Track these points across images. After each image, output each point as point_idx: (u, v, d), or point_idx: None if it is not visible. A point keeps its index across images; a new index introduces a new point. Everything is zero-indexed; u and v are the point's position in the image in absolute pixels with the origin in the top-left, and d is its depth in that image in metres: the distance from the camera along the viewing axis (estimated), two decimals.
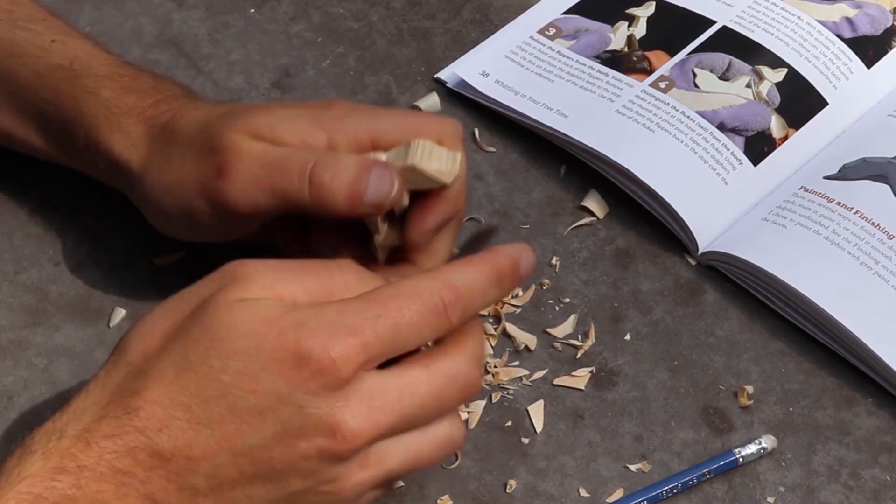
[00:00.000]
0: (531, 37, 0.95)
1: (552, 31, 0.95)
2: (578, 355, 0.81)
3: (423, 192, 0.71)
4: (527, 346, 0.81)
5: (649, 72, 0.92)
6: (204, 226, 0.74)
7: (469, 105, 0.92)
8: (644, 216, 0.86)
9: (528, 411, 0.78)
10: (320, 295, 0.64)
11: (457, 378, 0.65)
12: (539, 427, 0.78)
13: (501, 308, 0.82)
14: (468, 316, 0.65)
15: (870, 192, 0.85)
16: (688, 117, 0.88)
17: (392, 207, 0.70)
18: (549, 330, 0.82)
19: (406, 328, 0.63)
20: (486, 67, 0.93)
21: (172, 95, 0.78)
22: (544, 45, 0.94)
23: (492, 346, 0.81)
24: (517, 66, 0.93)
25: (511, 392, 0.79)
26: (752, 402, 0.79)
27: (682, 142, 0.87)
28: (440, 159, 0.70)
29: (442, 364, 0.65)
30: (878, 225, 0.83)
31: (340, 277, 0.65)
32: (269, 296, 0.63)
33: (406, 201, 0.71)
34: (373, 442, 0.63)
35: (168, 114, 0.76)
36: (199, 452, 0.62)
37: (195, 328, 0.63)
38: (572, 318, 0.82)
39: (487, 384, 0.79)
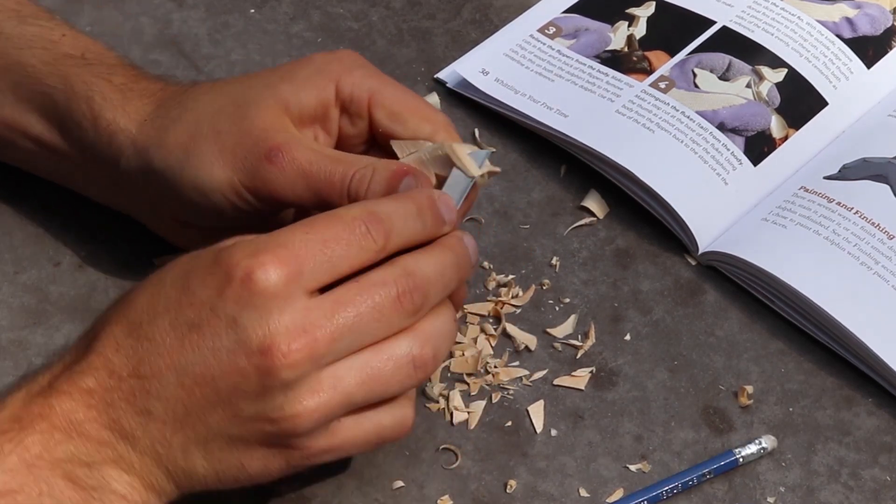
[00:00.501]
0: (531, 35, 0.95)
1: (552, 29, 0.95)
2: (578, 355, 0.81)
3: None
4: (527, 346, 0.81)
5: (649, 72, 0.92)
6: (224, 209, 0.74)
7: (469, 105, 0.92)
8: (644, 216, 0.86)
9: (528, 411, 0.78)
10: None
11: (387, 285, 0.66)
12: (539, 427, 0.78)
13: (501, 308, 0.82)
14: (395, 241, 0.67)
15: (870, 192, 0.85)
16: (688, 117, 0.88)
17: None
18: (549, 330, 0.82)
19: (333, 241, 0.65)
20: (486, 66, 0.93)
21: (178, 83, 0.79)
22: (544, 44, 0.94)
23: (492, 347, 0.81)
24: (517, 64, 0.93)
25: (511, 392, 0.79)
26: (752, 402, 0.79)
27: (682, 142, 0.87)
28: (471, 157, 0.73)
29: (371, 276, 0.66)
30: (878, 225, 0.83)
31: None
32: None
33: None
34: (315, 360, 0.64)
35: (177, 91, 0.77)
36: (148, 371, 0.64)
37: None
38: (572, 318, 0.82)
39: (487, 384, 0.79)
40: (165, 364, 0.64)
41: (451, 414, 0.78)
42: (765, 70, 0.91)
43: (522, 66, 0.93)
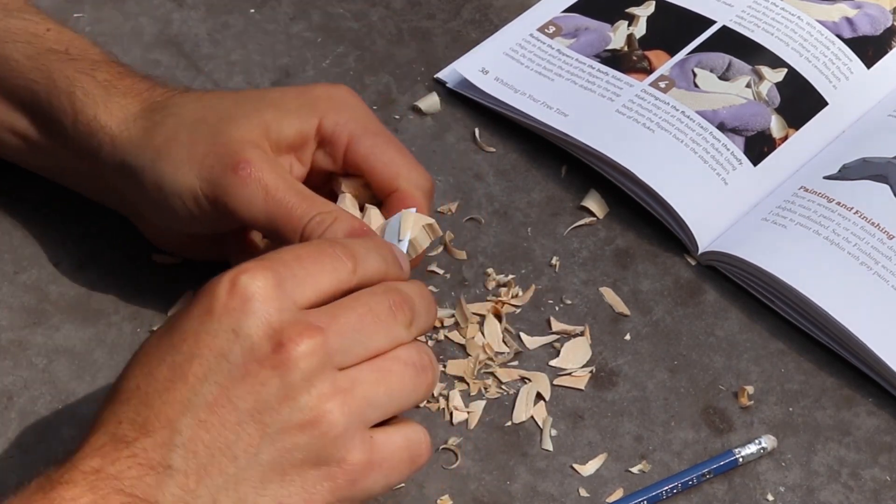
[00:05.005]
0: (531, 34, 0.95)
1: (552, 28, 0.95)
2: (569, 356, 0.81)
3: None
4: (527, 346, 0.81)
5: (649, 71, 0.92)
6: (181, 214, 0.74)
7: (469, 105, 0.92)
8: (644, 216, 0.86)
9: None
10: None
11: (377, 295, 0.66)
12: (539, 427, 0.78)
13: (502, 308, 0.82)
14: (362, 267, 0.67)
15: (870, 192, 0.85)
16: (688, 117, 0.88)
17: None
18: (549, 330, 0.82)
19: (307, 258, 0.65)
20: (486, 64, 0.93)
21: (165, 85, 0.79)
22: (544, 43, 0.94)
23: (492, 347, 0.81)
24: (517, 63, 0.93)
25: (511, 392, 0.79)
26: (752, 402, 0.79)
27: (682, 142, 0.87)
28: (423, 231, 0.74)
29: (362, 291, 0.66)
30: (878, 225, 0.83)
31: None
32: None
33: None
34: (327, 353, 0.63)
35: (167, 94, 0.77)
36: (157, 424, 0.61)
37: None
38: (572, 319, 0.82)
39: (487, 384, 0.79)
40: (174, 409, 0.61)
41: (451, 414, 0.78)
42: (765, 70, 0.91)
43: (522, 66, 0.93)
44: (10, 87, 0.79)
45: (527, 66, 0.93)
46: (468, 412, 0.78)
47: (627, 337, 0.82)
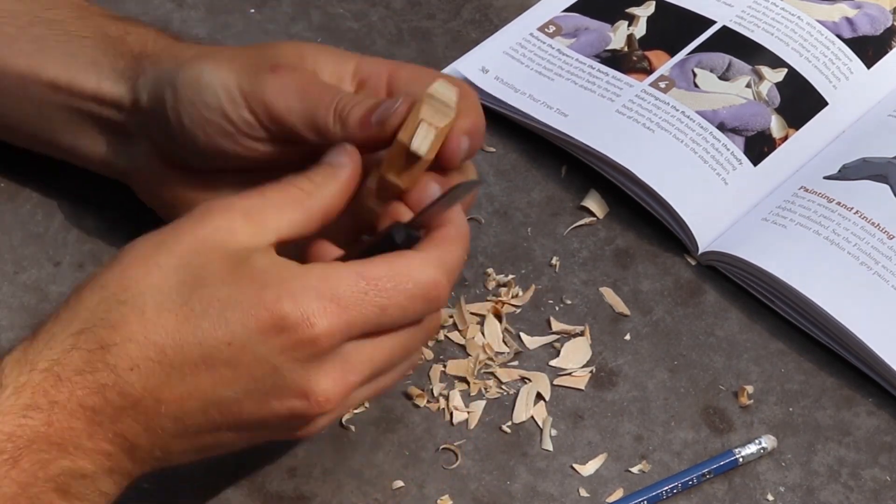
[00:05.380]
0: (531, 34, 0.95)
1: (552, 28, 0.95)
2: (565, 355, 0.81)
3: None
4: (527, 346, 0.81)
5: (649, 71, 0.92)
6: (213, 111, 0.73)
7: None
8: (644, 216, 0.87)
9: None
10: (293, 208, 0.65)
11: (417, 334, 0.66)
12: (539, 427, 0.78)
13: (502, 308, 0.82)
14: (451, 292, 0.67)
15: (870, 192, 0.85)
16: (688, 117, 0.88)
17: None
18: (549, 330, 0.82)
19: (393, 310, 0.64)
20: (486, 64, 0.93)
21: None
22: (544, 43, 0.94)
23: (492, 347, 0.81)
24: (517, 63, 0.93)
25: (511, 392, 0.79)
26: (752, 402, 0.79)
27: (682, 142, 0.87)
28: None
29: (411, 332, 0.66)
30: (878, 225, 0.83)
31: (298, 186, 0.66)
32: (250, 224, 0.64)
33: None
34: (345, 404, 0.65)
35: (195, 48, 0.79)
36: (169, 396, 0.62)
37: (181, 267, 0.63)
38: (572, 319, 0.82)
39: (487, 385, 0.79)
40: (190, 393, 0.62)
41: (451, 414, 0.78)
42: (765, 70, 0.91)
43: (522, 65, 0.93)
44: (54, 43, 0.79)
45: (527, 66, 0.93)
46: (468, 412, 0.78)
47: (627, 337, 0.82)
